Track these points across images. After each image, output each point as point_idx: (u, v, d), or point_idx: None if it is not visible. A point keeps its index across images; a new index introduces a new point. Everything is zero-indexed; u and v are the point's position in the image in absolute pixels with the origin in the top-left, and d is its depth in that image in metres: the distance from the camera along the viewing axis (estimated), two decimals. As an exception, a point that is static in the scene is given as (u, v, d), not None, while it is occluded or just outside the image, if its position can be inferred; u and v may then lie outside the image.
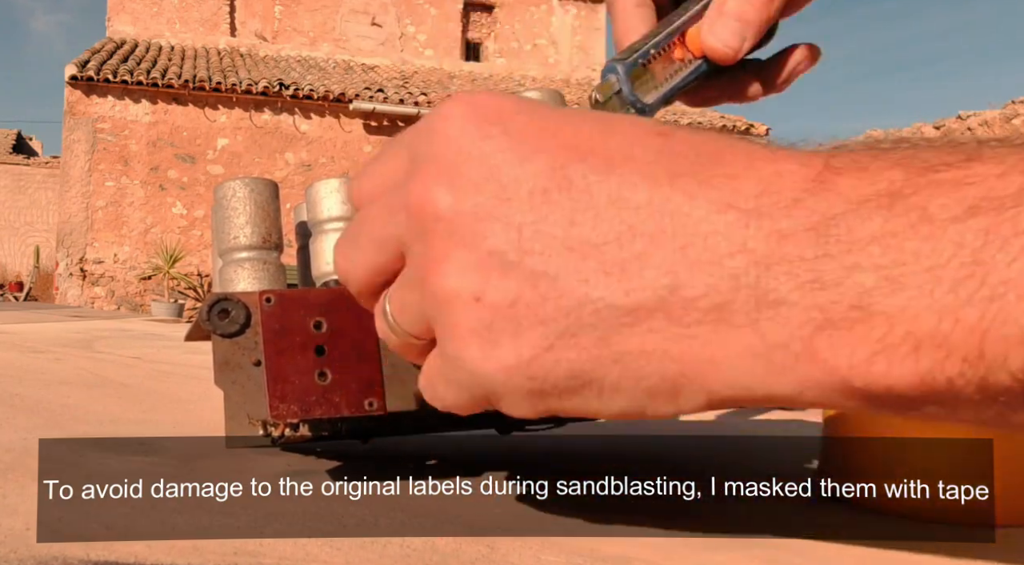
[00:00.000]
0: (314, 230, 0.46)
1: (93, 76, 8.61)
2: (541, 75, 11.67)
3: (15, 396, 0.72)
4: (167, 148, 9.00)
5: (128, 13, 10.58)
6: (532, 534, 0.32)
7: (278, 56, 10.70)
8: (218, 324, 0.37)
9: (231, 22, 10.88)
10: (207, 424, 0.60)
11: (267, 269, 0.43)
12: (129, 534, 0.30)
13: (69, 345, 1.45)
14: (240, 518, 0.33)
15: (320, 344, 0.36)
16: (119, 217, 8.90)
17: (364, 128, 9.20)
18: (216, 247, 0.44)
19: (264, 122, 9.20)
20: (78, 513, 0.33)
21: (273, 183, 0.44)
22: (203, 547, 0.29)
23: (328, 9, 11.01)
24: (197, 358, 1.27)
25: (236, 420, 0.43)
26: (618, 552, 0.30)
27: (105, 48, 9.59)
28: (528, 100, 0.26)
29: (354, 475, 0.43)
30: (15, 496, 0.35)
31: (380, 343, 0.37)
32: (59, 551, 0.27)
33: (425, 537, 0.31)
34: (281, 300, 0.36)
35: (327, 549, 0.29)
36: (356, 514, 0.34)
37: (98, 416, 0.63)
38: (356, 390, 0.36)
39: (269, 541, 0.30)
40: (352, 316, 0.37)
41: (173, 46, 10.45)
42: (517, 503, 0.37)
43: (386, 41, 11.19)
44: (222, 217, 0.43)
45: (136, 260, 8.86)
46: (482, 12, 11.78)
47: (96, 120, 8.86)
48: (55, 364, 1.06)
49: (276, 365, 0.35)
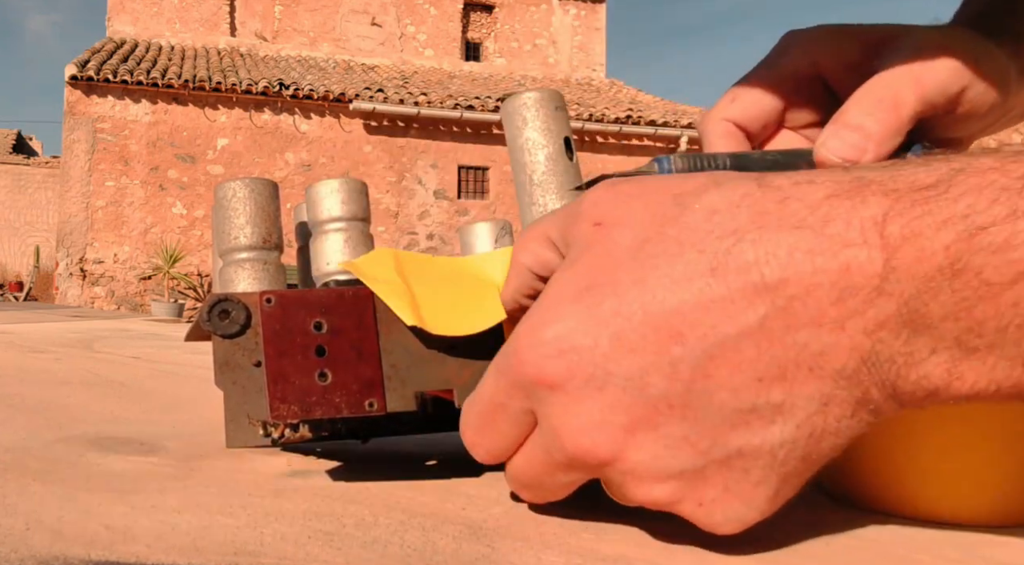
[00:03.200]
0: (314, 230, 0.46)
1: (93, 76, 8.61)
2: (541, 75, 11.67)
3: (15, 396, 0.72)
4: (167, 148, 9.01)
5: (128, 13, 10.58)
6: (532, 534, 0.32)
7: (278, 56, 10.70)
8: (218, 325, 0.37)
9: (231, 22, 10.88)
10: (207, 424, 0.60)
11: (267, 269, 0.43)
12: (129, 534, 0.30)
13: (69, 345, 1.45)
14: (240, 518, 0.33)
15: (320, 345, 0.36)
16: (119, 217, 8.90)
17: (364, 128, 9.21)
18: (216, 247, 0.44)
19: (264, 122, 9.20)
20: (78, 513, 0.33)
21: (273, 183, 0.44)
22: (203, 547, 0.29)
23: (328, 9, 11.01)
24: (197, 358, 1.27)
25: (236, 421, 0.43)
26: (618, 552, 0.30)
27: (105, 48, 9.59)
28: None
29: (354, 475, 0.43)
30: (15, 496, 0.35)
31: (380, 343, 0.37)
32: (60, 551, 0.27)
33: (425, 537, 0.31)
34: (281, 301, 0.36)
35: (328, 549, 0.29)
36: (356, 514, 0.34)
37: (98, 416, 0.63)
38: (357, 390, 0.36)
39: (269, 541, 0.30)
40: (352, 317, 0.37)
41: (173, 46, 10.46)
42: (517, 503, 0.37)
43: (386, 41, 11.19)
44: (222, 217, 0.43)
45: (136, 260, 8.86)
46: (482, 12, 11.78)
47: (96, 120, 8.87)
48: (55, 364, 1.06)
49: (277, 366, 0.35)
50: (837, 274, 0.25)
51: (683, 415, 0.26)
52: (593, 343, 0.27)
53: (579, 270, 0.29)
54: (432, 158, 9.33)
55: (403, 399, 0.37)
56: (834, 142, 0.36)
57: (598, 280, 0.28)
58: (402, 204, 9.40)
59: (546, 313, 0.28)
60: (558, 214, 0.33)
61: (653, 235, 0.28)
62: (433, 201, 9.50)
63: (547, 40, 11.85)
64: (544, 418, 0.29)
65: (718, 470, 0.27)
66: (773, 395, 0.26)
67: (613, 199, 0.30)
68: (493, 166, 9.61)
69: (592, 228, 0.30)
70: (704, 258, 0.26)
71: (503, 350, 0.30)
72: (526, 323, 0.29)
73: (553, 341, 0.27)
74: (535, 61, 11.77)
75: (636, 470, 0.27)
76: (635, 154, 9.89)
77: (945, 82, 0.36)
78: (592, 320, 0.27)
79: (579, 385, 0.27)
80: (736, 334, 0.26)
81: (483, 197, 9.69)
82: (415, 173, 9.33)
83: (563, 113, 0.45)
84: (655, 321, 0.26)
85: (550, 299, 0.29)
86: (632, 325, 0.27)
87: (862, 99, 0.36)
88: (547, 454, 0.29)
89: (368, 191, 0.46)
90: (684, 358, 0.26)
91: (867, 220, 0.25)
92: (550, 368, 0.27)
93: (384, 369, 0.37)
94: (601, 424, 0.27)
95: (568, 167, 0.44)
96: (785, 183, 0.27)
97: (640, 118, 9.74)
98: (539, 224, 0.34)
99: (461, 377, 0.38)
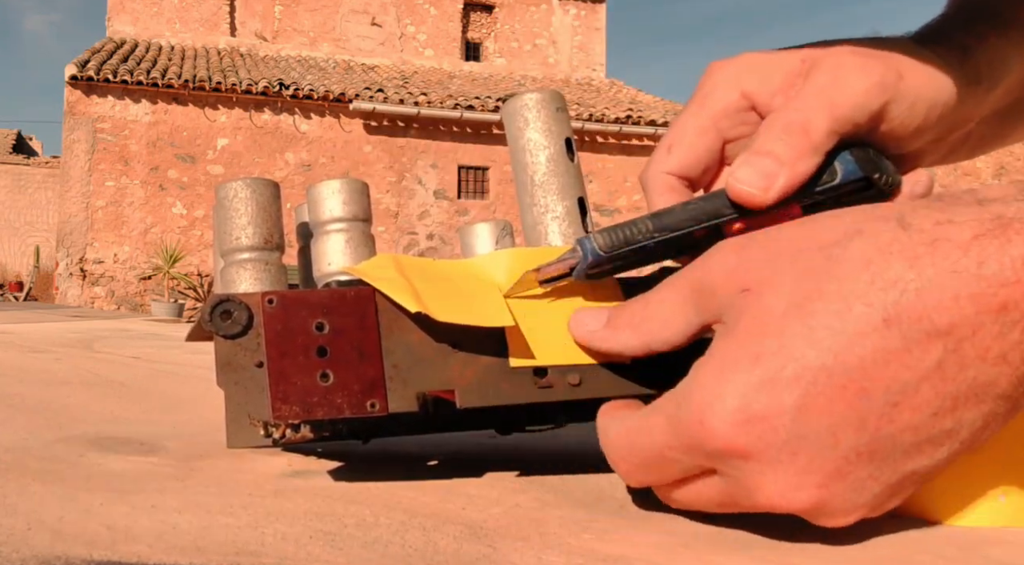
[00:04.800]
0: (316, 231, 0.46)
1: (93, 76, 8.61)
2: (541, 75, 11.67)
3: (15, 396, 0.72)
4: (167, 148, 9.00)
5: (128, 13, 10.58)
6: (533, 534, 0.32)
7: (278, 56, 10.69)
8: (220, 325, 0.37)
9: (231, 22, 10.87)
10: (207, 424, 0.60)
11: (269, 270, 0.43)
12: (130, 534, 0.30)
13: (69, 345, 1.45)
14: (241, 518, 0.33)
15: (322, 345, 0.36)
16: (119, 217, 8.90)
17: (364, 128, 9.21)
18: (217, 247, 0.44)
19: (264, 122, 9.20)
20: (79, 513, 0.33)
21: (275, 183, 0.44)
22: (204, 547, 0.29)
23: (328, 9, 11.01)
24: (197, 358, 1.27)
25: (237, 421, 0.43)
26: (618, 552, 0.30)
27: (105, 48, 9.59)
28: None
29: (355, 475, 0.43)
30: (16, 496, 0.35)
31: (382, 343, 0.37)
32: (61, 551, 0.27)
33: (426, 537, 0.31)
34: (283, 301, 0.36)
35: (329, 549, 0.29)
36: (357, 514, 0.34)
37: (98, 416, 0.63)
38: (358, 391, 0.36)
39: (270, 541, 0.30)
40: (354, 317, 0.37)
41: (173, 46, 10.45)
42: (517, 503, 0.37)
43: (386, 41, 11.19)
44: (224, 218, 0.43)
45: (136, 260, 8.86)
46: (482, 12, 11.77)
47: (96, 120, 8.86)
48: (55, 364, 1.06)
49: (278, 366, 0.35)
50: (997, 313, 0.27)
51: (870, 459, 0.29)
52: (781, 410, 0.28)
53: (741, 338, 0.30)
54: (432, 158, 9.33)
55: (405, 399, 0.37)
56: (744, 171, 0.36)
57: (767, 346, 0.29)
58: (402, 204, 9.40)
59: (723, 383, 0.29)
60: (680, 291, 0.34)
61: (811, 292, 0.29)
62: (433, 201, 9.50)
63: (547, 40, 11.85)
64: (734, 480, 0.30)
65: (891, 492, 0.30)
66: (945, 424, 0.28)
67: (750, 262, 0.31)
68: (493, 166, 9.61)
69: (740, 295, 0.31)
70: (874, 312, 0.28)
71: (674, 406, 0.31)
72: (700, 392, 0.30)
73: (740, 410, 0.28)
74: (535, 61, 11.77)
75: (825, 512, 0.29)
76: (635, 154, 9.89)
77: (862, 99, 0.36)
78: (776, 387, 0.28)
79: (773, 454, 0.28)
80: (916, 380, 0.28)
81: (483, 197, 9.69)
82: (415, 173, 9.33)
83: (564, 114, 0.45)
84: (839, 380, 0.28)
85: (720, 369, 0.29)
86: (818, 388, 0.28)
87: (771, 126, 0.37)
88: (731, 499, 0.31)
89: (369, 191, 0.46)
90: (871, 410, 0.28)
91: (1017, 260, 0.27)
92: (741, 439, 0.28)
93: (386, 369, 0.37)
94: (797, 487, 0.29)
95: (569, 168, 0.44)
96: (927, 224, 0.29)
97: (640, 118, 9.74)
98: (663, 311, 0.34)
99: (463, 377, 0.38)
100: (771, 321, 0.29)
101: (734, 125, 0.40)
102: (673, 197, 0.40)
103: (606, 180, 9.82)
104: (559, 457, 0.52)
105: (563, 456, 0.52)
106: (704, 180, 0.42)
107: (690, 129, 0.41)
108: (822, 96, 0.36)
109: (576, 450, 0.54)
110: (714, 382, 0.29)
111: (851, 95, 0.36)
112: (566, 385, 0.38)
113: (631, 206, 9.86)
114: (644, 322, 0.35)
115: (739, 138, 0.41)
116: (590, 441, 0.56)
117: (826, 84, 0.36)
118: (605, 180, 9.81)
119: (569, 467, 0.47)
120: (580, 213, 0.44)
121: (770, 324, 0.29)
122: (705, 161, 0.41)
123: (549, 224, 0.44)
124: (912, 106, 0.37)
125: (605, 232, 0.37)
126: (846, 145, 0.37)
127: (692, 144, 0.40)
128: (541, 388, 0.38)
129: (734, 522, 0.34)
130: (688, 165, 0.41)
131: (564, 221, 0.44)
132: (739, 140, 0.41)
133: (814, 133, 0.36)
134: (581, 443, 0.57)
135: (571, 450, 0.54)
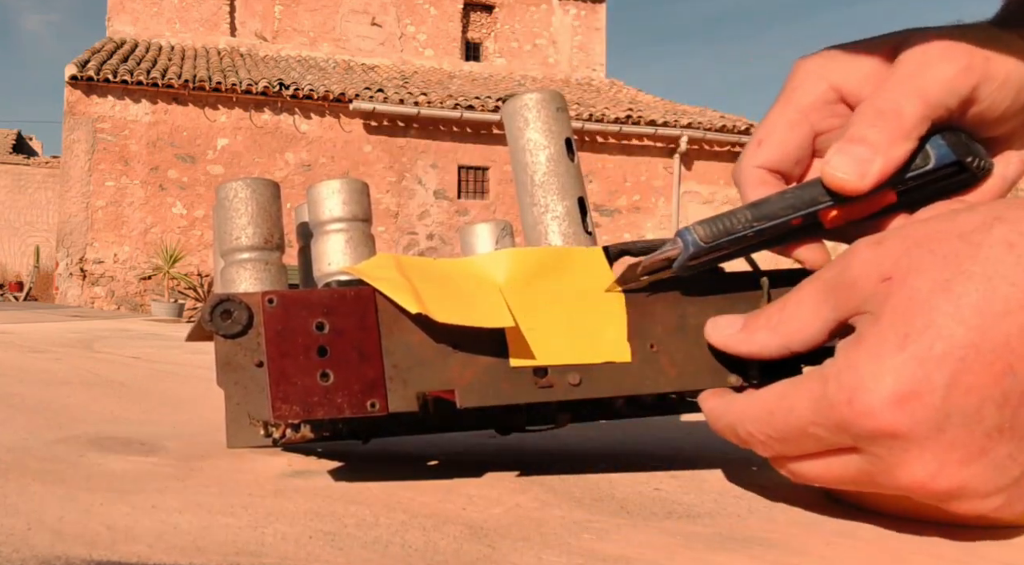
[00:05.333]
0: (316, 231, 0.46)
1: (93, 76, 8.60)
2: (541, 75, 11.67)
3: (15, 396, 0.72)
4: (167, 148, 9.00)
5: (128, 13, 10.58)
6: (533, 534, 0.32)
7: (278, 56, 10.69)
8: (220, 325, 0.37)
9: (231, 22, 10.87)
10: (207, 424, 0.60)
11: (269, 270, 0.43)
12: (131, 534, 0.30)
13: (69, 345, 1.45)
14: (241, 518, 0.33)
15: (322, 345, 0.36)
16: (119, 217, 8.90)
17: (364, 128, 9.20)
18: (218, 247, 0.44)
19: (264, 122, 9.19)
20: (79, 513, 0.33)
21: (275, 184, 0.44)
22: (205, 547, 0.29)
23: (328, 9, 11.01)
24: (197, 358, 1.27)
25: (237, 421, 0.43)
26: (618, 552, 0.30)
27: (105, 48, 9.59)
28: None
29: (355, 475, 0.43)
30: (16, 496, 0.35)
31: (382, 343, 0.37)
32: (62, 551, 0.27)
33: (426, 537, 0.31)
34: (284, 301, 0.36)
35: (329, 549, 0.29)
36: (357, 514, 0.34)
37: (98, 416, 0.63)
38: (358, 391, 0.36)
39: (271, 541, 0.30)
40: (354, 317, 0.37)
41: (173, 46, 10.45)
42: (517, 503, 0.37)
43: (386, 41, 11.18)
44: (224, 218, 0.43)
45: (136, 260, 8.85)
46: (482, 12, 11.77)
47: (96, 120, 8.85)
48: (55, 364, 1.06)
49: (279, 366, 0.35)
50: None
51: (1010, 437, 0.29)
52: (932, 387, 0.29)
53: (887, 322, 0.30)
54: (432, 158, 9.33)
55: (405, 399, 0.37)
56: (839, 159, 0.36)
57: (915, 325, 0.29)
58: (402, 204, 9.40)
59: (875, 364, 0.30)
60: (817, 292, 0.34)
61: (956, 274, 0.29)
62: (433, 201, 9.50)
63: (547, 40, 11.85)
64: (876, 458, 0.30)
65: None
66: None
67: (889, 253, 0.31)
68: (493, 166, 9.61)
69: (883, 284, 0.31)
70: (1020, 291, 0.28)
71: (820, 385, 0.31)
72: (850, 373, 0.30)
73: (892, 391, 0.29)
74: (535, 61, 11.77)
75: (965, 493, 0.30)
76: (635, 154, 9.89)
77: (952, 84, 0.36)
78: (926, 365, 0.29)
79: (923, 431, 0.29)
80: None
81: (483, 197, 9.69)
82: (415, 173, 9.33)
83: (564, 114, 0.45)
84: (987, 357, 0.28)
85: (870, 351, 0.30)
86: (966, 365, 0.28)
87: (863, 114, 0.37)
88: (868, 478, 0.31)
89: (369, 191, 0.46)
90: (1014, 387, 0.28)
91: None
92: (893, 419, 0.29)
93: (386, 369, 0.37)
94: (941, 466, 0.29)
95: (569, 168, 0.45)
96: None
97: (640, 118, 9.73)
98: (801, 308, 0.35)
99: (463, 377, 0.38)
100: (918, 301, 0.30)
101: (824, 117, 0.41)
102: (766, 190, 0.40)
103: (606, 180, 9.82)
104: (559, 457, 0.52)
105: (563, 456, 0.52)
106: (796, 172, 0.42)
107: (780, 123, 0.41)
108: (912, 82, 0.37)
109: (576, 450, 0.54)
110: (866, 363, 0.30)
111: (941, 80, 0.36)
112: (566, 385, 0.38)
113: (631, 206, 9.85)
114: (782, 324, 0.35)
115: (830, 130, 0.41)
116: (590, 441, 0.56)
117: (915, 70, 0.37)
118: (605, 180, 9.80)
119: (569, 467, 0.47)
120: (580, 213, 0.44)
121: (917, 304, 0.29)
122: (796, 154, 0.41)
123: (549, 224, 0.44)
124: (1001, 88, 0.37)
125: (705, 223, 0.38)
126: (936, 130, 0.38)
127: (783, 138, 0.41)
128: (541, 388, 0.38)
129: (734, 522, 0.34)
130: (779, 158, 0.41)
131: (564, 221, 0.44)
132: (830, 132, 0.41)
133: (907, 118, 0.36)
134: (581, 443, 0.57)
135: (571, 450, 0.54)
